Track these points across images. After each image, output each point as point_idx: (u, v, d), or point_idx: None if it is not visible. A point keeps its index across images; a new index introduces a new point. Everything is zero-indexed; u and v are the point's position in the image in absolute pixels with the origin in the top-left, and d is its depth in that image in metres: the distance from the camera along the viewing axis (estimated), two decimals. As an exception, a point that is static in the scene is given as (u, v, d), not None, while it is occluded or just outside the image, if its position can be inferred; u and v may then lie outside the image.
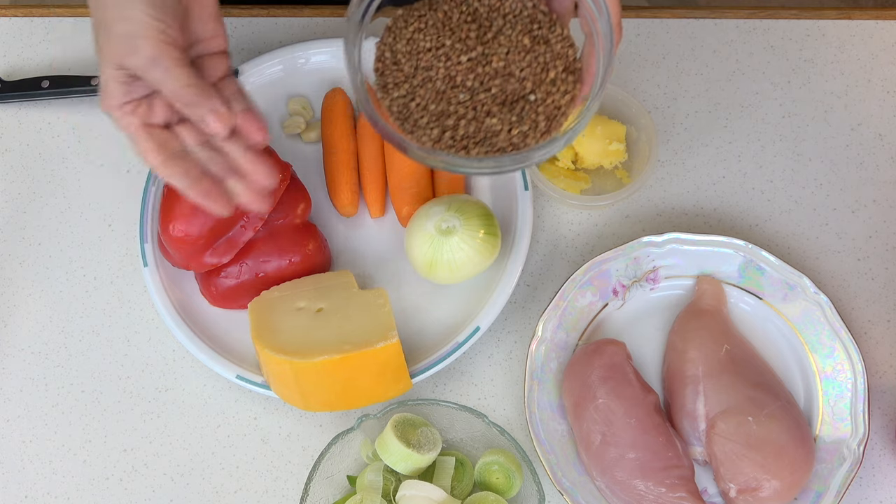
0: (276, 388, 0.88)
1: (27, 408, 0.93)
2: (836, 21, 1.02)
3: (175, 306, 0.91)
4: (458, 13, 0.77)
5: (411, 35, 0.77)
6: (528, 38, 0.76)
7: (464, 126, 0.75)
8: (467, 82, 0.75)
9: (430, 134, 0.75)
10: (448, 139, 0.75)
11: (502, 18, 0.77)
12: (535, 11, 0.77)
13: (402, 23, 0.78)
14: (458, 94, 0.75)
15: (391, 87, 0.77)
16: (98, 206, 0.99)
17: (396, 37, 0.78)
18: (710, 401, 0.86)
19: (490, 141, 0.74)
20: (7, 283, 0.97)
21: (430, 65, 0.76)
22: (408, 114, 0.76)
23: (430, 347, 0.91)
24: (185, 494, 0.91)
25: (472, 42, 0.76)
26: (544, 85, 0.75)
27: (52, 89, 1.00)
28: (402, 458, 0.84)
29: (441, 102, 0.75)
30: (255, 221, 0.89)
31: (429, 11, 0.78)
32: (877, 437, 0.89)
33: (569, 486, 0.86)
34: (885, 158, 0.98)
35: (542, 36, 0.76)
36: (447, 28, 0.77)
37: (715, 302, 0.91)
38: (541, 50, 0.76)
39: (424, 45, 0.77)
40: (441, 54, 0.76)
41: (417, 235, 0.89)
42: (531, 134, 0.74)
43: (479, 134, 0.75)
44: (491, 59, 0.75)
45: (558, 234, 0.96)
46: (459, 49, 0.76)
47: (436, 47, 0.76)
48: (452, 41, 0.76)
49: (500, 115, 0.75)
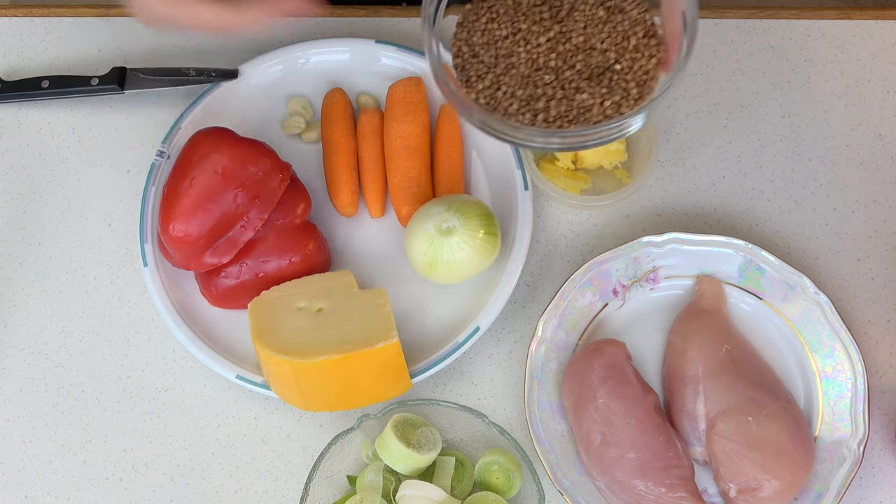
0: (276, 388, 0.88)
1: (27, 408, 0.93)
2: (836, 21, 1.02)
3: (175, 306, 0.91)
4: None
5: (485, 26, 0.77)
6: (602, 10, 0.76)
7: (555, 106, 0.74)
8: (550, 62, 0.75)
9: (523, 120, 0.74)
10: (542, 122, 0.74)
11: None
12: None
13: (473, 16, 0.78)
14: (544, 76, 0.75)
15: (475, 79, 0.76)
16: (98, 206, 0.99)
17: (470, 30, 0.78)
18: (710, 401, 0.86)
19: (584, 117, 0.74)
20: (7, 283, 0.97)
21: (510, 51, 0.76)
22: (496, 104, 0.76)
23: (430, 347, 0.91)
24: (185, 494, 0.91)
25: (547, 22, 0.76)
26: (628, 53, 0.75)
27: (52, 89, 1.00)
28: (402, 458, 0.84)
29: (528, 87, 0.75)
30: (255, 221, 0.89)
31: (497, 1, 0.77)
32: (877, 437, 0.89)
33: (569, 486, 0.86)
34: (885, 158, 0.98)
35: (616, 4, 0.76)
36: (519, 13, 0.77)
37: (715, 302, 0.91)
38: (618, 19, 0.76)
39: (501, 34, 0.76)
40: (519, 39, 0.76)
41: (417, 235, 0.89)
42: (624, 103, 0.74)
43: (571, 112, 0.74)
44: (570, 35, 0.75)
45: (558, 234, 0.96)
46: (536, 31, 0.76)
47: (512, 33, 0.76)
48: (528, 24, 0.76)
49: (589, 89, 0.74)
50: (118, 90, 0.99)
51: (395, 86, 0.97)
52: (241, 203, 0.88)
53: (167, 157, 0.95)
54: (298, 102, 0.99)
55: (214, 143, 0.90)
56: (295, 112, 0.99)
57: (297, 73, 1.00)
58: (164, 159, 0.95)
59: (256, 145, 0.90)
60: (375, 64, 0.99)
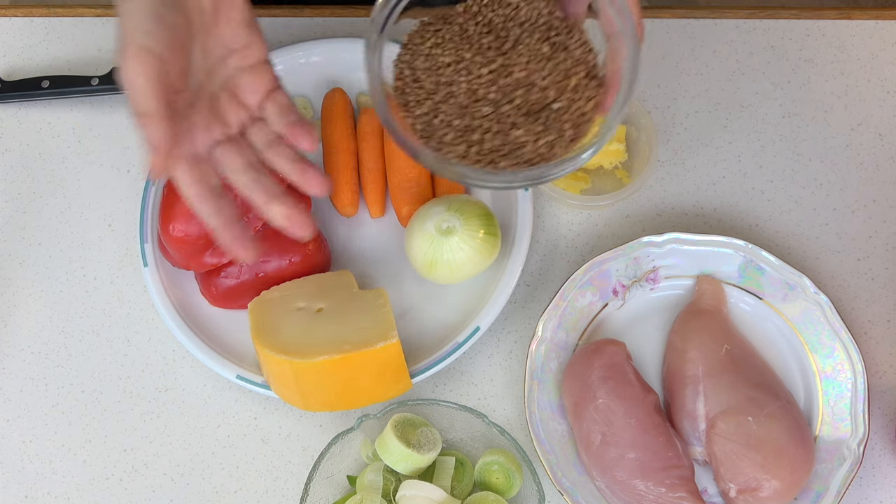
0: (276, 388, 0.88)
1: (27, 408, 0.93)
2: (836, 21, 1.02)
3: (175, 306, 0.91)
4: (473, 25, 0.76)
5: (429, 51, 0.76)
6: (547, 46, 0.74)
7: (489, 140, 0.73)
8: (490, 95, 0.73)
9: (457, 150, 0.73)
10: (474, 154, 0.73)
11: (518, 27, 0.75)
12: (551, 18, 0.76)
13: (418, 38, 0.77)
14: (482, 108, 0.73)
15: (413, 104, 0.75)
16: (98, 206, 0.99)
17: (414, 53, 0.76)
18: (710, 401, 0.86)
19: (516, 153, 0.73)
20: (7, 283, 0.97)
21: (451, 80, 0.74)
22: (432, 131, 0.74)
23: (430, 347, 0.91)
24: (185, 494, 0.91)
25: (491, 53, 0.74)
26: (567, 92, 0.74)
27: (52, 89, 1.00)
28: (402, 458, 0.84)
29: (465, 117, 0.74)
30: (255, 221, 0.89)
31: (444, 25, 0.76)
32: (877, 437, 0.89)
33: (569, 486, 0.86)
34: (885, 158, 0.98)
35: (561, 42, 0.75)
36: (465, 41, 0.75)
37: (715, 302, 0.91)
38: (561, 57, 0.74)
39: (444, 60, 0.75)
40: (461, 68, 0.74)
41: (417, 235, 0.89)
42: (558, 143, 0.73)
43: (505, 146, 0.73)
44: (512, 69, 0.74)
45: (558, 234, 0.96)
46: (480, 62, 0.74)
47: (455, 61, 0.75)
48: (472, 54, 0.75)
49: (525, 125, 0.73)
50: (118, 90, 0.99)
51: (395, 86, 0.97)
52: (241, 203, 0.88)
53: (167, 157, 0.95)
54: (298, 102, 0.99)
55: (214, 143, 0.90)
56: (295, 112, 0.99)
57: (297, 73, 1.00)
58: (164, 159, 0.95)
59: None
60: (375, 64, 0.99)
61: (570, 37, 0.75)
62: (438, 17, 0.77)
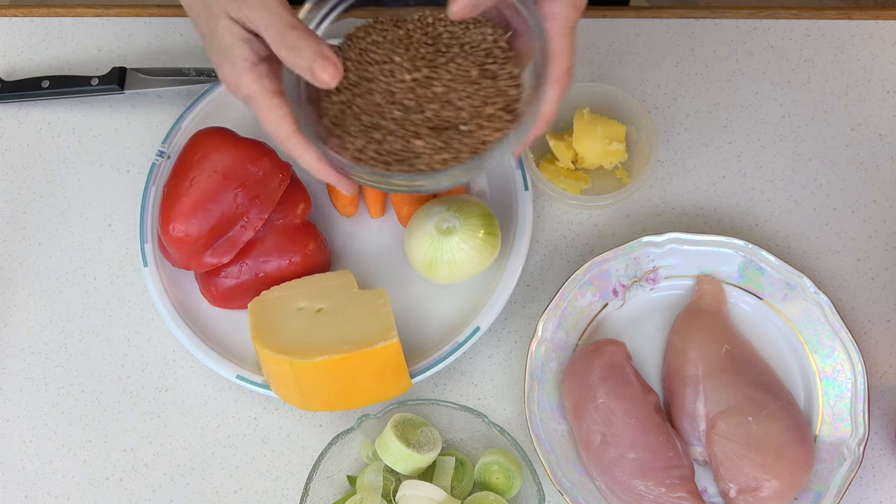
0: (276, 388, 0.88)
1: (27, 408, 0.93)
2: (836, 21, 1.02)
3: (175, 306, 0.91)
4: (419, 33, 0.77)
5: (366, 46, 0.77)
6: (476, 70, 0.75)
7: (390, 142, 0.74)
8: (405, 100, 0.75)
9: (355, 143, 0.75)
10: (372, 151, 0.75)
11: (460, 47, 0.76)
12: (494, 47, 0.77)
13: (362, 32, 0.78)
14: (394, 111, 0.75)
15: (333, 91, 0.77)
16: (98, 206, 0.99)
17: (352, 45, 0.78)
18: (710, 401, 0.86)
19: (411, 161, 0.74)
20: (7, 283, 0.97)
21: (373, 77, 0.76)
22: (341, 119, 0.76)
23: (430, 347, 0.91)
24: (185, 494, 0.91)
25: (421, 63, 0.76)
26: (479, 118, 0.75)
27: (52, 89, 1.00)
28: (402, 458, 0.84)
29: (375, 115, 0.75)
30: (255, 221, 0.89)
31: (392, 27, 0.78)
32: (877, 437, 0.89)
33: (569, 486, 0.86)
34: (885, 158, 0.98)
35: (492, 71, 0.76)
36: (403, 45, 0.77)
37: (715, 302, 0.91)
38: (486, 84, 0.75)
39: (374, 57, 0.77)
40: (387, 69, 0.76)
41: (417, 235, 0.89)
42: (451, 163, 0.74)
43: (403, 153, 0.74)
44: (434, 82, 0.75)
45: (558, 234, 0.96)
46: (407, 68, 0.76)
47: (383, 61, 0.76)
48: (402, 59, 0.76)
49: (427, 138, 0.74)
50: (118, 90, 1.00)
51: (395, 86, 0.97)
52: (241, 203, 0.88)
53: (167, 157, 0.95)
54: (298, 102, 0.99)
55: (214, 143, 0.90)
56: (295, 112, 0.99)
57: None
58: (164, 159, 0.95)
59: (256, 145, 0.90)
60: (375, 64, 0.99)
61: (503, 68, 0.76)
62: (392, 18, 0.79)
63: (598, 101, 0.96)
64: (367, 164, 0.74)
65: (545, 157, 0.97)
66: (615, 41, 1.02)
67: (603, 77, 1.01)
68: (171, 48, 1.04)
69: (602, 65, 1.01)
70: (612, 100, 0.96)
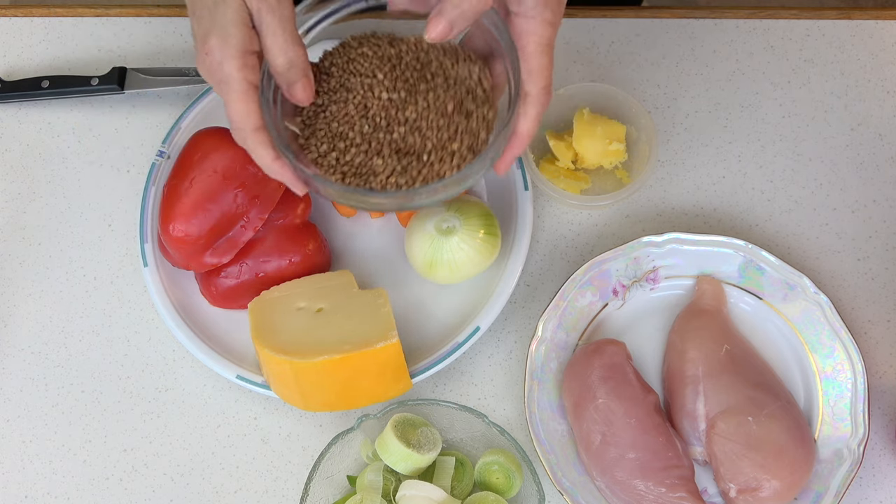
0: (276, 388, 0.88)
1: (27, 408, 0.93)
2: (836, 21, 1.02)
3: (175, 306, 0.91)
4: (410, 56, 0.77)
5: (355, 56, 0.78)
6: (452, 105, 0.75)
7: (352, 154, 0.75)
8: (377, 118, 0.75)
9: (319, 147, 0.76)
10: (332, 159, 0.75)
11: (444, 79, 0.77)
12: (477, 86, 0.77)
13: (356, 42, 0.79)
14: (364, 125, 0.75)
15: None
16: (98, 206, 0.99)
17: (343, 51, 0.79)
18: (710, 401, 0.86)
19: (366, 178, 0.75)
20: (7, 283, 0.97)
21: (352, 87, 0.77)
22: (312, 121, 0.77)
23: (430, 347, 0.91)
24: (185, 494, 0.91)
25: (401, 84, 0.76)
26: (442, 152, 0.75)
27: (52, 89, 1.00)
28: (402, 458, 0.84)
29: (344, 125, 0.76)
30: (255, 221, 0.89)
31: (386, 44, 0.78)
32: (877, 437, 0.89)
33: (569, 486, 0.86)
34: (885, 158, 0.98)
35: (468, 110, 0.76)
36: (390, 64, 0.77)
37: (715, 302, 0.91)
38: (458, 120, 0.75)
39: (358, 69, 0.77)
40: (367, 83, 0.76)
41: (417, 235, 0.89)
42: (404, 188, 0.74)
43: (361, 167, 0.75)
44: (408, 106, 0.76)
45: (558, 234, 0.96)
46: (386, 86, 0.76)
47: (366, 74, 0.77)
48: (384, 77, 0.76)
49: (387, 158, 0.75)
50: (118, 90, 1.00)
51: (395, 86, 0.97)
52: (241, 203, 0.88)
53: (167, 157, 0.95)
54: (298, 102, 0.99)
55: (214, 143, 0.90)
56: (295, 112, 0.99)
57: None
58: (164, 159, 0.95)
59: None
60: (375, 64, 0.99)
61: (479, 109, 0.76)
62: (387, 35, 0.80)
63: (598, 101, 0.96)
64: (324, 171, 0.75)
65: (545, 157, 0.97)
66: (615, 41, 1.02)
67: (603, 77, 1.01)
68: (171, 48, 1.04)
69: (602, 65, 1.01)
70: (612, 100, 0.96)
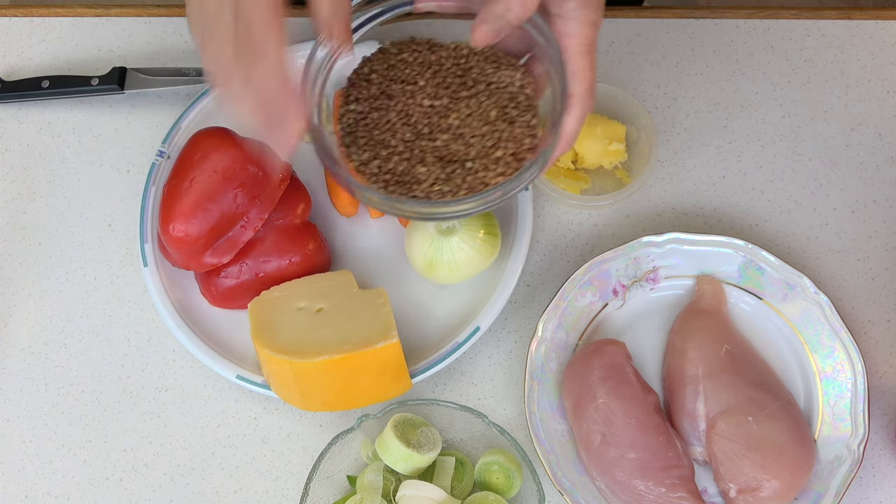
0: (276, 388, 0.88)
1: (27, 408, 0.93)
2: (836, 21, 1.02)
3: (175, 306, 0.91)
4: (451, 63, 0.77)
5: (395, 62, 0.78)
6: (495, 112, 0.75)
7: (395, 162, 0.75)
8: (418, 125, 0.75)
9: (361, 156, 0.75)
10: (374, 167, 0.75)
11: (486, 85, 0.76)
12: (520, 92, 0.77)
13: (395, 49, 0.78)
14: (406, 133, 0.75)
15: (352, 99, 0.77)
16: (98, 206, 0.99)
17: (383, 58, 0.78)
18: (710, 401, 0.86)
19: (409, 186, 0.74)
20: (7, 283, 0.97)
21: (394, 94, 0.76)
22: (353, 128, 0.76)
23: (430, 347, 0.91)
24: (185, 494, 0.91)
25: (443, 92, 0.76)
26: (486, 159, 0.75)
27: (52, 89, 1.00)
28: (402, 458, 0.84)
29: (386, 132, 0.76)
30: (255, 221, 0.89)
31: (426, 50, 0.78)
32: (877, 437, 0.89)
33: (569, 486, 0.86)
34: (885, 158, 0.98)
35: (510, 116, 0.76)
36: (431, 70, 0.77)
37: (715, 302, 0.91)
38: (501, 127, 0.75)
39: (399, 75, 0.77)
40: (409, 90, 0.76)
41: (417, 235, 0.89)
42: (448, 197, 0.74)
43: (404, 176, 0.75)
44: (451, 113, 0.75)
45: (558, 234, 0.96)
46: (428, 93, 0.76)
47: (407, 81, 0.76)
48: (427, 83, 0.76)
49: (431, 166, 0.74)
50: (118, 90, 1.00)
51: (395, 86, 0.97)
52: (241, 203, 0.88)
53: (167, 157, 0.95)
54: (298, 102, 0.99)
55: (214, 143, 0.90)
56: (295, 112, 0.99)
57: (297, 72, 0.99)
58: (164, 159, 0.95)
59: (256, 145, 0.90)
60: (375, 64, 0.99)
61: (522, 116, 0.76)
62: (427, 41, 0.79)
63: (599, 101, 0.96)
64: (367, 180, 0.75)
65: (545, 157, 0.97)
66: (615, 41, 1.02)
67: (603, 77, 1.01)
68: (171, 48, 1.04)
69: (602, 65, 1.01)
70: (612, 100, 0.96)
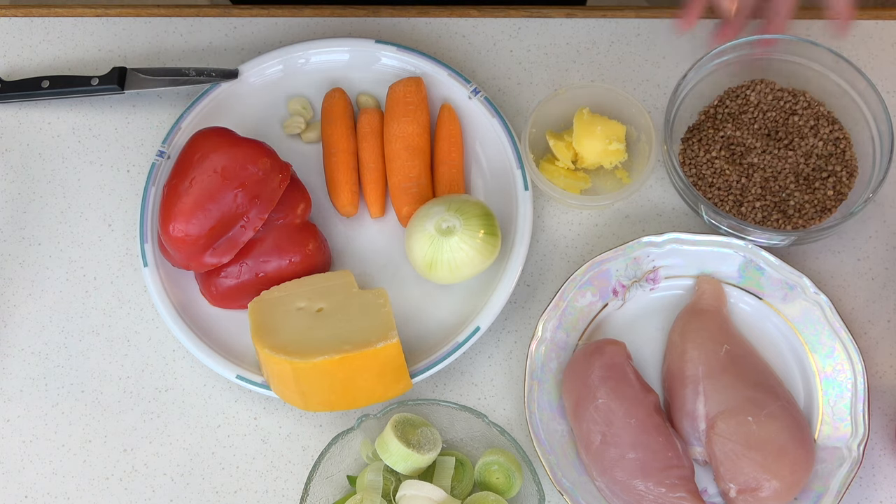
0: (276, 388, 0.88)
1: (27, 408, 0.93)
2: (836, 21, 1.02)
3: (175, 306, 0.91)
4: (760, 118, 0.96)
5: (752, 117, 0.96)
6: (821, 143, 0.94)
7: (761, 209, 0.93)
8: (774, 174, 0.94)
9: (721, 194, 0.94)
10: (734, 205, 0.94)
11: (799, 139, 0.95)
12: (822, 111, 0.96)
13: (742, 110, 0.96)
14: (758, 181, 0.93)
15: (718, 146, 0.95)
16: (98, 206, 0.99)
17: (738, 115, 0.95)
18: (710, 401, 0.86)
19: (790, 220, 0.92)
20: (7, 283, 0.97)
21: (753, 148, 0.94)
22: (699, 171, 0.95)
23: (430, 347, 0.91)
24: (185, 494, 0.91)
25: (779, 144, 0.95)
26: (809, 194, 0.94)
27: (52, 89, 1.00)
28: (402, 458, 0.84)
29: (742, 179, 0.94)
30: (255, 221, 0.89)
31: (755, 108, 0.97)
32: (877, 437, 0.89)
33: (569, 486, 0.86)
34: (885, 158, 0.98)
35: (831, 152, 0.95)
36: (750, 131, 0.95)
37: (715, 302, 0.91)
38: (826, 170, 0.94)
39: (756, 128, 0.96)
40: (759, 149, 0.94)
41: (417, 235, 0.89)
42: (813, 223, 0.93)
43: (774, 205, 0.93)
44: (788, 156, 0.94)
45: (558, 234, 0.96)
46: (774, 147, 0.94)
47: (756, 148, 0.95)
48: (755, 140, 0.95)
49: (799, 193, 0.93)
50: (118, 90, 1.00)
51: (395, 86, 0.97)
52: (241, 203, 0.88)
53: (167, 157, 0.95)
54: (298, 102, 0.99)
55: (214, 143, 0.90)
56: (295, 112, 0.99)
57: (297, 73, 1.00)
58: (164, 159, 0.95)
59: (256, 145, 0.90)
60: (375, 64, 0.99)
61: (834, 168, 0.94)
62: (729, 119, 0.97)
63: (598, 101, 0.96)
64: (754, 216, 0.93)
65: (545, 157, 0.97)
66: (615, 41, 1.02)
67: (603, 77, 1.01)
68: (171, 48, 1.04)
69: (602, 65, 1.01)
70: (612, 100, 0.96)
